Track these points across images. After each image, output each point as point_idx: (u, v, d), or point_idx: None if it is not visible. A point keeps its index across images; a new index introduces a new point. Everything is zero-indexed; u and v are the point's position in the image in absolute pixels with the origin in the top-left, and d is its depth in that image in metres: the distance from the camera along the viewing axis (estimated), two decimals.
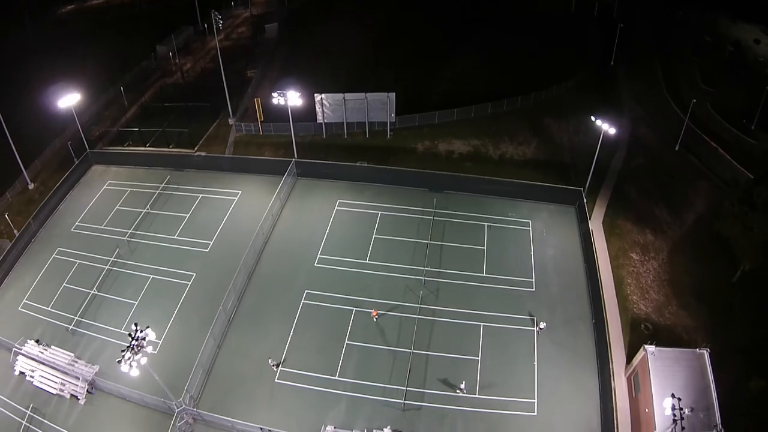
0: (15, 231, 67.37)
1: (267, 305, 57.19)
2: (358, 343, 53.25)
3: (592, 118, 63.58)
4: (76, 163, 75.08)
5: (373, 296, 56.99)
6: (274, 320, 55.70)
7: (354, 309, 55.88)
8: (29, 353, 55.83)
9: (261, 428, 46.17)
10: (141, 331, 41.94)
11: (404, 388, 49.11)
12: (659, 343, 50.03)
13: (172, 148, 79.57)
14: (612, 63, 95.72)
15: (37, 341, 56.77)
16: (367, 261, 60.86)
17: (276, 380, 50.70)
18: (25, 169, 75.12)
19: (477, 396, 48.89)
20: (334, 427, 46.61)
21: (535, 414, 48.11)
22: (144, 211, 68.46)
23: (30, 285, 62.40)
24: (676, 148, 75.10)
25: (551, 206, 66.10)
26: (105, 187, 73.71)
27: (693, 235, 65.16)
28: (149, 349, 41.81)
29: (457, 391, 48.99)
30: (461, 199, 67.55)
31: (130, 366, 40.89)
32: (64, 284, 61.71)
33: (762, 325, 54.72)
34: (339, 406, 48.65)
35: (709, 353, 48.09)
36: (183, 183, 72.53)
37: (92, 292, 60.23)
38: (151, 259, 62.65)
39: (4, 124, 70.45)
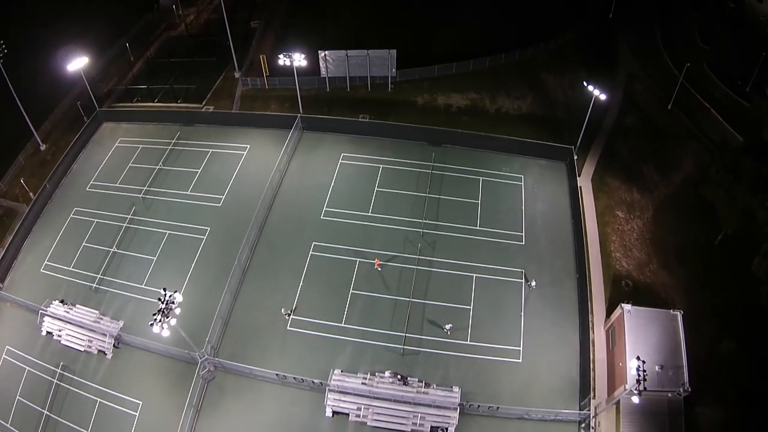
0: (31, 194, 69.46)
1: (278, 257, 60.81)
2: (362, 292, 57.38)
3: (584, 83, 65.14)
4: (87, 122, 76.52)
5: (375, 247, 60.50)
6: (285, 271, 59.45)
7: (358, 260, 59.65)
8: (55, 313, 58.08)
9: (276, 374, 50.78)
10: (170, 295, 45.52)
11: (403, 335, 53.61)
12: (638, 300, 53.25)
13: (180, 103, 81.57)
14: (611, 16, 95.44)
15: (61, 301, 59.01)
16: (369, 213, 64.14)
17: (288, 328, 55.06)
18: (36, 130, 76.47)
19: (468, 343, 53.51)
20: (341, 371, 51.45)
21: (520, 361, 52.67)
22: (157, 167, 70.69)
23: (50, 246, 64.79)
24: (669, 107, 75.92)
25: (543, 162, 68.69)
26: (116, 144, 75.51)
27: (679, 196, 66.89)
28: (178, 311, 45.57)
29: (445, 330, 53.67)
30: (458, 153, 70.14)
31: (162, 328, 44.77)
32: (84, 244, 64.20)
33: (738, 289, 56.66)
34: (345, 352, 53.26)
35: (683, 315, 51.01)
36: (193, 138, 74.60)
37: (112, 250, 62.96)
38: (166, 215, 65.49)
39: (11, 87, 70.58)
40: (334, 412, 50.45)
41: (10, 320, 59.64)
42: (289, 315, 55.59)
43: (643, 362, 44.10)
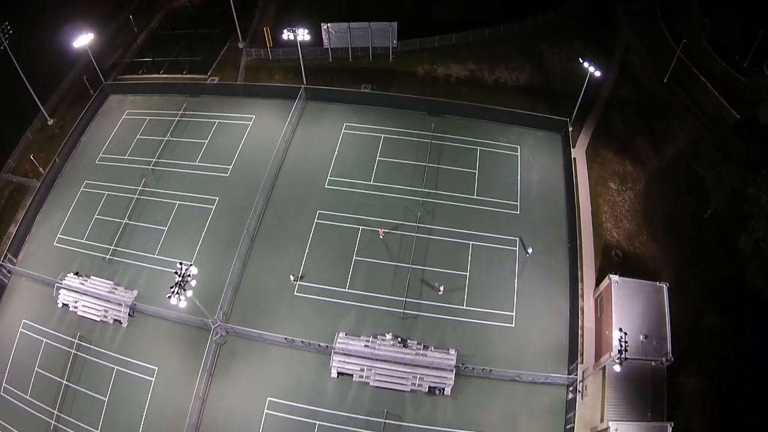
0: (41, 169, 70.83)
1: (284, 225, 63.00)
2: (365, 259, 59.88)
3: (580, 60, 66.15)
4: (94, 95, 77.15)
5: (377, 215, 62.70)
6: (291, 239, 61.78)
7: (360, 228, 61.91)
8: (70, 285, 59.28)
9: (285, 338, 53.48)
10: (186, 269, 47.29)
11: (403, 299, 56.35)
12: (627, 271, 55.47)
13: (186, 74, 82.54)
14: None
15: (76, 273, 60.39)
16: (371, 182, 66.03)
17: (295, 294, 57.62)
18: (42, 105, 76.95)
19: (464, 307, 56.25)
20: (345, 334, 54.32)
21: (513, 326, 55.46)
22: (165, 139, 71.88)
23: (62, 220, 66.09)
24: (665, 81, 76.27)
25: (539, 133, 70.07)
26: (124, 116, 76.49)
27: (671, 170, 67.93)
28: (193, 283, 47.55)
29: (439, 291, 56.57)
30: (457, 124, 71.49)
31: (179, 299, 47.05)
32: (96, 216, 65.68)
33: (725, 264, 57.83)
34: (349, 316, 56.06)
35: (668, 287, 52.70)
36: (199, 109, 75.57)
37: (123, 221, 64.56)
38: (176, 186, 67.20)
39: (16, 63, 70.63)
40: (339, 373, 53.24)
41: (25, 294, 61.42)
42: (297, 281, 58.00)
43: (625, 333, 46.06)
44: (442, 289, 56.81)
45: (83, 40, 71.57)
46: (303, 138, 71.56)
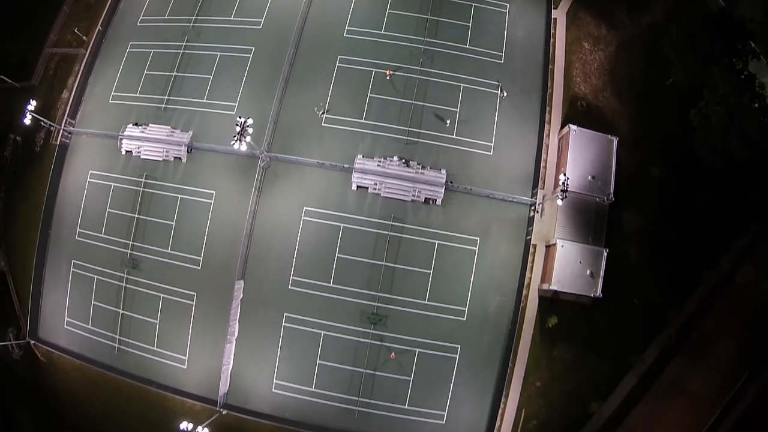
0: (84, 37, 73.46)
1: (311, 69, 69.34)
2: (377, 96, 67.77)
3: None
4: None
5: (386, 60, 69.36)
6: (318, 81, 68.48)
7: (374, 70, 68.93)
8: (131, 135, 65.51)
9: (317, 162, 64.95)
10: (245, 121, 55.20)
11: (407, 128, 66.18)
12: (589, 119, 64.30)
13: None
14: None
15: (135, 124, 66.24)
16: (382, 32, 71.17)
17: (323, 125, 66.77)
18: None
19: (454, 136, 66.84)
20: (362, 156, 64.86)
21: (491, 154, 66.13)
22: None
23: (114, 79, 70.83)
24: None
25: None
26: None
27: (642, 38, 71.61)
28: (251, 131, 55.60)
29: (446, 123, 65.91)
30: None
31: (240, 144, 54.99)
32: (145, 72, 70.52)
33: (675, 127, 64.58)
34: (365, 142, 65.90)
35: (618, 141, 61.36)
36: None
37: (173, 74, 69.37)
38: (215, 39, 71.52)
39: None
40: (357, 187, 64.12)
41: (88, 150, 69.02)
42: (322, 113, 67.13)
43: (568, 178, 55.08)
44: (448, 122, 66.60)
45: None
46: None
